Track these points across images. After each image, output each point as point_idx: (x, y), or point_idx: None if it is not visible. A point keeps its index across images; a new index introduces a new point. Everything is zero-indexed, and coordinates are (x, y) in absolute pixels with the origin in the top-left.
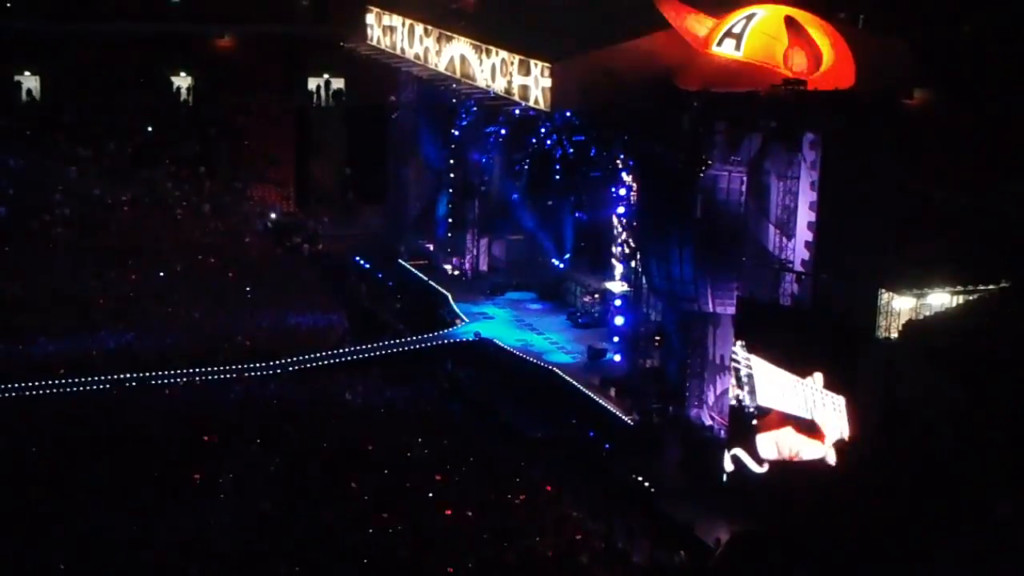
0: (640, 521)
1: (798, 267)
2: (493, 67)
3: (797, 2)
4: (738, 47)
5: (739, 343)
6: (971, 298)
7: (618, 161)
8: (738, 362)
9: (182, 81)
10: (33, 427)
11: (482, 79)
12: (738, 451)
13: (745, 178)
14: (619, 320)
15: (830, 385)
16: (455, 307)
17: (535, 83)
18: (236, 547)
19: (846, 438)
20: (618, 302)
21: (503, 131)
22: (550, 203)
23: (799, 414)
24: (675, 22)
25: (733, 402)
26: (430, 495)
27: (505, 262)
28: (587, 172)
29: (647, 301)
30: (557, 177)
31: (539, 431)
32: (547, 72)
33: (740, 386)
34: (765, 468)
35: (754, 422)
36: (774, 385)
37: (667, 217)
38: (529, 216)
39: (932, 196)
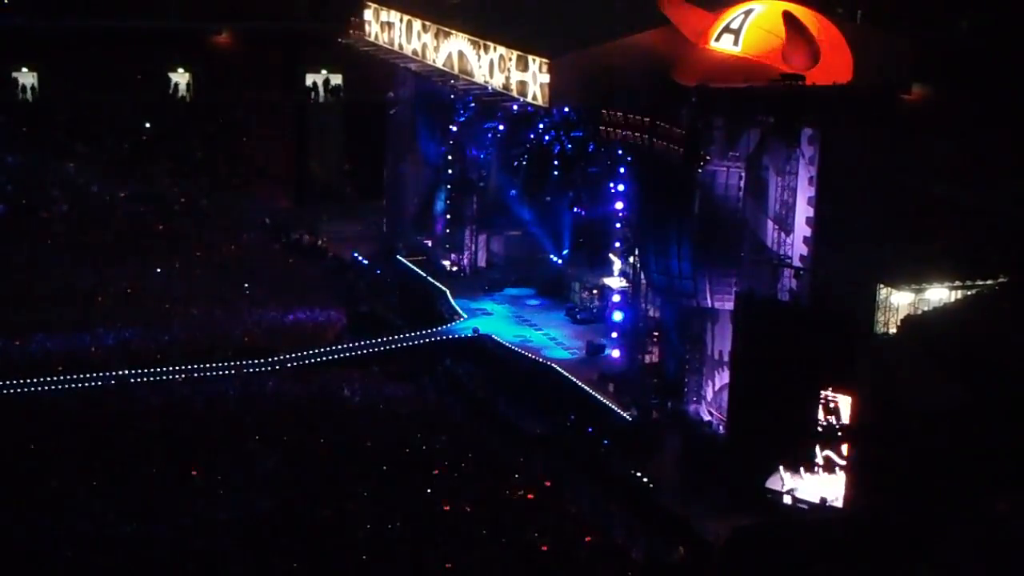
0: (639, 517)
1: (796, 262)
2: (491, 63)
3: None
4: (736, 42)
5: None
6: (969, 293)
7: (617, 154)
8: None
9: (180, 78)
10: (31, 424)
11: (480, 75)
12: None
13: (743, 173)
14: (618, 316)
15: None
16: (453, 303)
17: (533, 79)
18: (234, 543)
19: None
20: (616, 298)
21: (501, 127)
22: (548, 199)
23: None
24: (673, 18)
25: None
26: (428, 491)
27: (503, 258)
28: (585, 168)
29: (646, 297)
30: (555, 173)
31: (538, 427)
32: (545, 68)
33: None
34: None
35: None
36: None
37: (665, 213)
38: (527, 212)
39: (930, 191)
